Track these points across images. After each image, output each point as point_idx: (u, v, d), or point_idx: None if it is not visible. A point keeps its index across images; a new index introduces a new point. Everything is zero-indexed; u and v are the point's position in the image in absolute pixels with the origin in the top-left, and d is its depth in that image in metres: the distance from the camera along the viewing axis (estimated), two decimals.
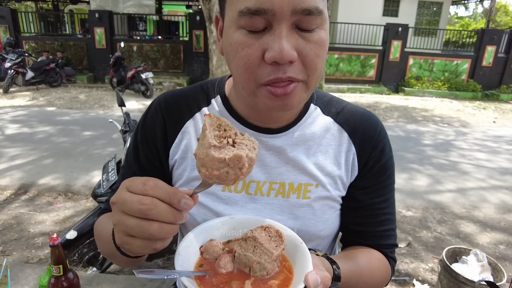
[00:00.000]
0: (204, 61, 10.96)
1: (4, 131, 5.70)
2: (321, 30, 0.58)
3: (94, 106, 7.96)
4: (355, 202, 0.77)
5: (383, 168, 0.76)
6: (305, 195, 0.73)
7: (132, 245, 0.46)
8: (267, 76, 0.56)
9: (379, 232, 0.79)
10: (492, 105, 10.35)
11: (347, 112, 0.77)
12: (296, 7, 0.53)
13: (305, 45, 0.56)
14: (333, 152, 0.75)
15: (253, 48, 0.56)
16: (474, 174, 4.69)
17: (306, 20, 0.55)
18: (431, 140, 6.30)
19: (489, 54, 11.63)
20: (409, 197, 3.86)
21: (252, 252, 0.54)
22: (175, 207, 0.45)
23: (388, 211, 0.79)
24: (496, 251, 2.90)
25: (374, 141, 0.75)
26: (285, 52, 0.53)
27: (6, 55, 9.10)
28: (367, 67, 11.81)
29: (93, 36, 10.99)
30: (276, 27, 0.54)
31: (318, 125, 0.75)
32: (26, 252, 2.65)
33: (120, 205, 0.46)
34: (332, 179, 0.74)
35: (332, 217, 0.77)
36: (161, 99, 0.79)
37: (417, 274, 2.56)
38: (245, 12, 0.54)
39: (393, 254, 0.82)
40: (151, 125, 0.77)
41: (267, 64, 0.56)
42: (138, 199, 0.44)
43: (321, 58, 0.60)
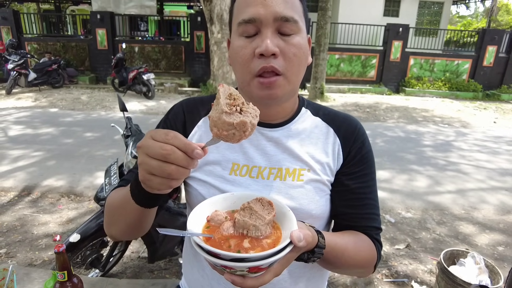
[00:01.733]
0: (205, 62, 10.98)
1: (7, 132, 5.75)
2: (298, 36, 0.78)
3: (96, 107, 8.00)
4: (342, 187, 0.90)
5: (364, 158, 0.90)
6: (299, 178, 0.87)
7: (152, 181, 0.57)
8: (257, 67, 0.76)
9: (364, 215, 0.90)
10: (493, 105, 10.34)
11: (332, 115, 0.95)
12: (276, 15, 0.75)
13: (284, 45, 0.76)
14: (322, 143, 0.90)
15: (248, 48, 0.77)
16: (474, 175, 4.71)
17: (285, 26, 0.76)
18: (431, 141, 6.31)
19: (490, 54, 11.61)
20: (409, 198, 3.89)
21: (249, 218, 0.66)
22: (189, 155, 0.56)
23: (371, 196, 0.91)
24: (494, 253, 2.93)
25: (355, 136, 0.91)
26: (269, 47, 0.73)
27: (9, 56, 9.15)
28: (368, 68, 11.81)
29: (95, 37, 11.03)
30: (263, 31, 0.75)
31: (309, 123, 0.92)
32: (30, 254, 2.69)
33: (145, 149, 0.57)
34: (321, 165, 0.88)
35: (322, 199, 0.88)
36: (183, 102, 0.98)
37: (416, 276, 2.59)
38: (242, 22, 0.76)
39: (378, 236, 0.92)
40: (173, 119, 0.93)
41: (257, 58, 0.76)
42: (160, 145, 0.55)
43: (298, 57, 0.78)
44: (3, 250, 2.72)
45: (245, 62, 0.78)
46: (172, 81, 10.90)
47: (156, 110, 7.94)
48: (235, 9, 0.82)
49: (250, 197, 0.72)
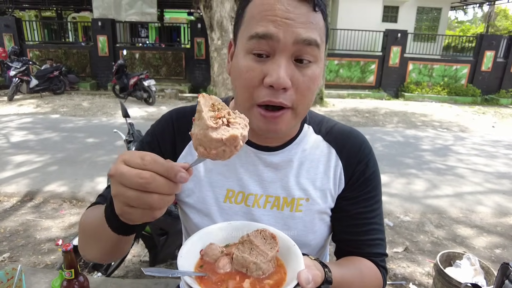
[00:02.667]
0: (205, 68, 11.09)
1: (10, 138, 5.81)
2: (315, 66, 0.69)
3: (97, 113, 8.07)
4: (343, 212, 0.84)
5: (368, 180, 0.83)
6: (297, 209, 0.81)
7: (132, 214, 0.50)
8: (262, 97, 0.67)
9: (367, 241, 0.83)
10: (492, 110, 10.41)
11: (335, 131, 0.86)
12: (298, 37, 0.64)
13: (299, 76, 0.67)
14: (323, 167, 0.83)
15: (256, 71, 0.67)
16: (472, 178, 4.75)
17: (305, 50, 0.66)
18: (430, 145, 6.36)
19: (488, 59, 11.71)
20: (407, 202, 3.93)
21: (248, 254, 0.58)
22: (172, 180, 0.48)
23: (375, 221, 0.84)
24: (492, 255, 2.96)
25: (359, 157, 0.83)
26: (281, 80, 0.64)
27: (11, 63, 9.24)
28: (367, 73, 11.90)
29: (96, 44, 11.15)
30: (278, 56, 0.65)
31: (310, 144, 0.84)
32: (33, 258, 2.72)
33: (118, 178, 0.48)
34: (322, 192, 0.82)
35: (321, 228, 0.84)
36: (173, 113, 0.87)
37: (414, 278, 2.62)
38: (254, 36, 0.65)
39: (383, 263, 0.85)
40: (161, 133, 0.84)
41: (265, 87, 0.66)
42: (137, 173, 0.47)
43: (312, 91, 0.70)
44: (6, 254, 2.75)
45: (249, 87, 0.67)
46: (173, 87, 10.99)
47: (156, 116, 8.00)
48: (247, 16, 0.69)
49: (249, 227, 0.66)
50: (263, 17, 0.65)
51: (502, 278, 1.44)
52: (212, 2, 8.14)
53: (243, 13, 0.71)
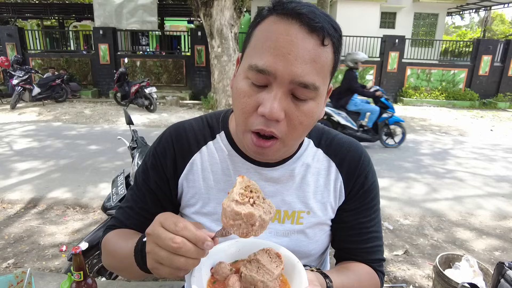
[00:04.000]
0: (206, 75, 11.19)
1: (13, 146, 5.86)
2: (313, 102, 0.68)
3: (99, 120, 8.14)
4: (343, 223, 0.87)
5: (367, 192, 0.87)
6: (298, 221, 0.84)
7: (160, 271, 0.57)
8: (256, 125, 0.67)
9: (367, 249, 0.87)
10: (490, 114, 10.47)
11: (334, 145, 0.88)
12: (295, 78, 0.63)
13: (294, 110, 0.66)
14: (323, 180, 0.85)
15: (252, 98, 0.67)
16: (471, 182, 4.78)
17: (301, 91, 0.65)
18: (429, 149, 6.40)
19: (485, 64, 11.81)
20: (407, 205, 3.96)
21: (256, 273, 0.62)
22: (199, 247, 0.55)
23: (374, 229, 0.88)
24: (491, 258, 2.99)
25: (358, 169, 0.86)
26: (274, 112, 0.63)
27: (14, 72, 9.35)
28: (366, 78, 12.00)
29: (98, 52, 11.28)
30: (274, 88, 0.64)
31: (310, 158, 0.86)
32: (37, 264, 2.76)
33: (154, 238, 0.56)
34: (322, 205, 0.85)
35: (322, 238, 0.88)
36: (172, 131, 0.88)
37: (414, 281, 2.65)
38: (254, 68, 0.64)
39: (381, 268, 0.90)
40: (162, 154, 0.86)
41: (258, 115, 0.66)
42: (171, 238, 0.54)
43: (304, 125, 0.69)
44: (11, 260, 2.79)
45: (244, 112, 0.69)
46: (174, 94, 11.09)
47: (158, 123, 8.07)
48: (253, 39, 0.69)
49: (255, 244, 0.69)
50: (265, 48, 0.64)
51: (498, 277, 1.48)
52: (212, 10, 8.26)
53: (252, 33, 0.70)
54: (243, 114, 0.69)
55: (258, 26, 0.68)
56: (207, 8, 8.35)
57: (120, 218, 0.89)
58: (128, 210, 0.89)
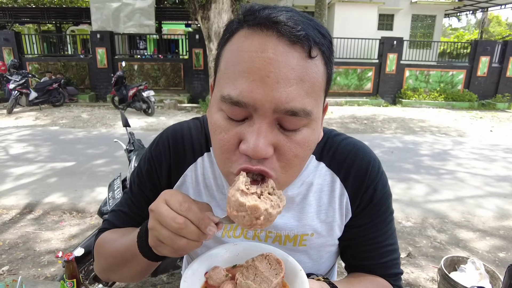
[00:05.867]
0: (204, 78, 11.16)
1: (9, 151, 5.80)
2: (307, 130, 0.55)
3: (96, 124, 8.08)
4: (352, 240, 0.78)
5: (377, 205, 0.76)
6: (301, 243, 0.76)
7: (161, 248, 0.55)
8: (238, 165, 0.55)
9: (381, 264, 0.78)
10: (489, 114, 10.47)
11: (338, 155, 0.76)
12: (279, 106, 0.50)
13: (285, 143, 0.54)
14: (327, 198, 0.76)
15: (230, 134, 0.55)
16: (472, 182, 4.74)
17: (289, 120, 0.52)
18: (428, 150, 6.37)
19: (483, 64, 11.84)
20: (408, 207, 3.92)
21: (252, 280, 0.57)
22: (201, 230, 0.53)
23: (388, 242, 0.78)
24: (496, 259, 2.94)
25: (366, 182, 0.74)
26: (259, 149, 0.51)
27: (11, 76, 9.30)
28: (364, 80, 12.00)
29: (95, 56, 11.23)
30: (256, 120, 0.52)
31: (312, 174, 0.75)
32: (33, 271, 2.69)
33: (157, 215, 0.54)
34: (327, 225, 0.76)
35: (328, 259, 0.81)
36: (170, 135, 0.79)
37: (418, 284, 2.59)
38: (227, 99, 0.52)
39: (398, 282, 0.80)
40: (158, 160, 0.79)
41: (241, 153, 0.54)
42: (173, 217, 0.52)
43: (300, 158, 0.57)
44: (5, 267, 2.72)
45: (224, 151, 0.56)
46: (172, 97, 11.04)
47: (156, 126, 8.02)
48: (223, 64, 0.56)
49: (255, 249, 0.65)
50: (238, 73, 0.51)
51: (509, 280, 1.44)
52: (209, 13, 8.25)
53: (221, 54, 0.57)
54: (223, 153, 0.57)
55: (227, 44, 0.56)
56: (204, 11, 8.34)
57: (113, 222, 0.84)
58: (122, 214, 0.84)
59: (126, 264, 0.71)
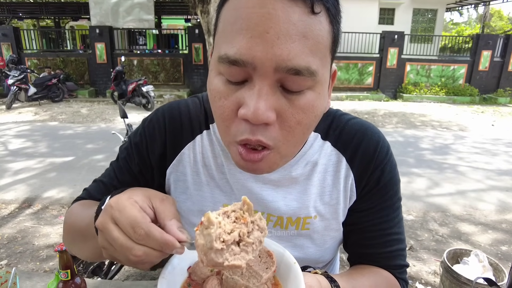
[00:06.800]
0: (203, 73, 11.11)
1: (8, 146, 5.76)
2: (312, 93, 0.51)
3: (96, 120, 8.04)
4: (356, 225, 0.75)
5: (384, 188, 0.72)
6: (304, 227, 0.73)
7: (117, 259, 0.48)
8: (240, 135, 0.52)
9: (386, 254, 0.74)
10: (490, 109, 10.40)
11: (345, 135, 0.72)
12: (281, 64, 0.46)
13: (287, 107, 0.50)
14: (332, 179, 0.72)
15: (229, 100, 0.51)
16: (474, 176, 4.71)
17: (293, 80, 0.48)
18: (430, 145, 6.33)
19: (485, 59, 11.75)
20: (410, 200, 3.89)
21: (240, 275, 0.51)
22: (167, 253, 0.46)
23: (394, 231, 0.74)
24: (498, 252, 2.91)
25: (373, 163, 0.71)
26: (259, 113, 0.47)
27: (9, 72, 9.25)
28: (365, 75, 11.93)
29: (94, 51, 11.17)
30: (256, 82, 0.48)
31: (317, 154, 0.71)
32: (31, 265, 2.67)
33: (108, 238, 0.46)
34: (331, 207, 0.73)
35: (331, 244, 0.77)
36: (166, 111, 0.75)
37: (420, 277, 2.57)
38: (225, 59, 0.49)
39: (403, 275, 0.76)
40: (151, 135, 0.74)
41: (241, 120, 0.51)
42: (129, 248, 0.44)
43: (304, 125, 0.53)
44: (4, 261, 2.70)
45: (224, 119, 0.53)
46: (171, 92, 10.99)
47: None
48: (221, 25, 0.53)
49: None
50: (235, 30, 0.48)
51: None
52: (209, 7, 8.16)
53: (219, 15, 0.54)
54: (223, 121, 0.54)
55: (225, 4, 0.52)
56: (204, 5, 8.25)
57: (91, 192, 0.79)
58: (101, 185, 0.80)
59: (85, 240, 0.64)
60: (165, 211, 0.48)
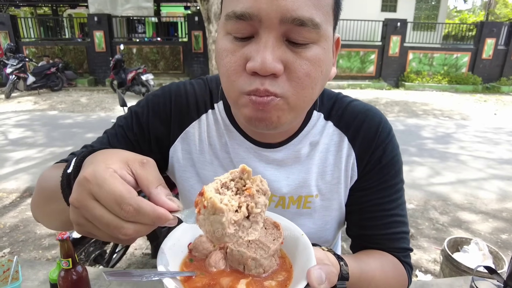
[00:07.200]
0: (203, 61, 11.00)
1: (8, 135, 5.75)
2: (317, 47, 0.53)
3: (95, 108, 8.00)
4: (358, 205, 0.75)
5: (385, 168, 0.72)
6: (305, 206, 0.73)
7: (96, 235, 0.43)
8: (247, 87, 0.53)
9: (388, 235, 0.73)
10: (493, 98, 10.33)
11: (347, 115, 0.73)
12: (286, 15, 0.48)
13: (294, 59, 0.52)
14: (333, 158, 0.73)
15: (236, 55, 0.53)
16: (475, 165, 4.70)
17: (297, 32, 0.50)
18: (431, 133, 6.31)
19: (488, 47, 11.60)
20: (411, 189, 3.89)
21: (246, 247, 0.49)
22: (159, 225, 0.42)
23: (396, 212, 0.73)
24: (498, 241, 2.92)
25: (375, 143, 0.71)
26: (267, 63, 0.49)
27: (7, 60, 9.16)
28: (367, 63, 11.81)
29: (93, 40, 11.04)
30: (263, 35, 0.50)
31: (319, 133, 0.73)
32: (34, 253, 2.69)
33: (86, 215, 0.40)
34: (332, 186, 0.73)
35: (332, 225, 0.77)
36: (172, 89, 0.75)
37: (420, 265, 2.58)
38: (231, 16, 0.51)
39: (407, 258, 0.75)
40: (154, 109, 0.73)
41: (248, 74, 0.52)
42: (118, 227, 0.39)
43: (312, 79, 0.53)
44: (6, 249, 2.72)
45: (230, 74, 0.54)
46: (171, 81, 10.90)
47: None
48: None
49: None
50: None
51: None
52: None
53: None
54: (229, 77, 0.54)
55: None
56: None
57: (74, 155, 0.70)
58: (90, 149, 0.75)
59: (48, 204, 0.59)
60: (147, 177, 0.43)
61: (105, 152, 0.47)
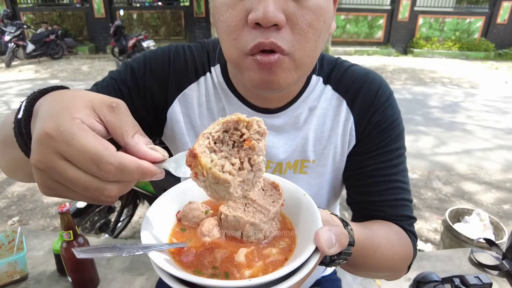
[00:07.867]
0: (205, 27, 10.65)
1: (10, 105, 5.74)
2: None
3: (97, 77, 7.90)
4: (357, 170, 0.72)
5: (385, 132, 0.70)
6: (301, 170, 0.73)
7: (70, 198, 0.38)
8: (250, 42, 0.51)
9: (389, 201, 0.71)
10: (505, 65, 9.98)
11: (346, 78, 0.72)
12: None
13: (296, 9, 0.51)
14: (331, 123, 0.72)
15: (237, 9, 0.51)
16: (481, 135, 4.63)
17: None
18: (438, 102, 6.17)
19: (504, 10, 11.02)
20: (415, 159, 3.87)
21: (243, 212, 0.44)
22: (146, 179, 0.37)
23: (397, 178, 0.71)
24: (499, 211, 2.93)
25: (374, 106, 0.70)
26: (270, 14, 0.47)
27: (5, 28, 8.94)
28: (375, 28, 11.35)
29: (92, 5, 10.69)
30: None
31: (318, 98, 0.72)
32: (42, 221, 2.76)
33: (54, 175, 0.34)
34: (329, 151, 0.72)
35: (328, 191, 0.76)
36: (171, 49, 0.73)
37: (421, 234, 2.62)
38: None
39: (411, 227, 0.72)
40: (151, 66, 0.70)
41: (250, 28, 0.51)
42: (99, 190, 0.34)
43: (316, 30, 0.53)
44: (16, 218, 2.79)
45: (231, 30, 0.53)
46: None
47: None
48: None
49: None
50: None
51: None
52: None
53: None
54: (230, 34, 0.52)
55: None
56: None
57: None
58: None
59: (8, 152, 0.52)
60: (120, 124, 0.37)
61: (62, 94, 0.39)
